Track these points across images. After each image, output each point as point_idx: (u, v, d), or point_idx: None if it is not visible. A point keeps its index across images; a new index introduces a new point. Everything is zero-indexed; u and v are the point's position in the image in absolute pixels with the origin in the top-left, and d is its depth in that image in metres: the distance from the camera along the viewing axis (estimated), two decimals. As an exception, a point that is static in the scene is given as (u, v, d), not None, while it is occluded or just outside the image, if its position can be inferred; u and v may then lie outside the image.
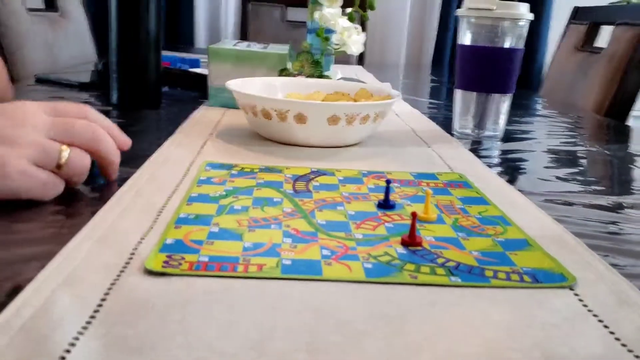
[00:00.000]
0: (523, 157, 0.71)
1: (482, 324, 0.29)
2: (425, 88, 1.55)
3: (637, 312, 0.31)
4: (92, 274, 0.32)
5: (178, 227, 0.40)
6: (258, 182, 0.51)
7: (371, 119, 0.65)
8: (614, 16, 1.37)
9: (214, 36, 2.46)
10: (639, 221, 0.48)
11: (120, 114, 0.80)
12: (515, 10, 0.72)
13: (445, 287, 0.33)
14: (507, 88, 0.75)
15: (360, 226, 0.42)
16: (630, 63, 1.21)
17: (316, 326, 0.28)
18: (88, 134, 0.46)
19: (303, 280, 0.33)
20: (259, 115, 0.65)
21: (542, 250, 0.39)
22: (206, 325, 0.28)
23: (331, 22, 0.87)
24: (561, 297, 0.33)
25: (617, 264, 0.39)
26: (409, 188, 0.53)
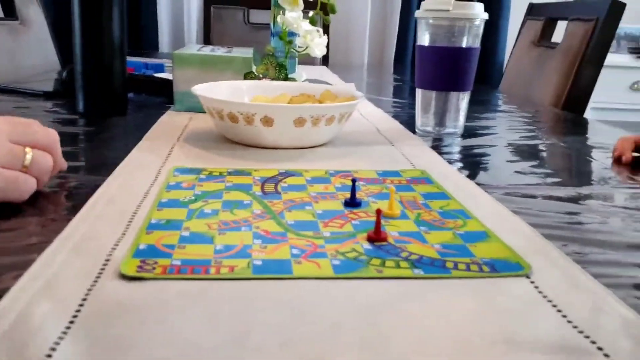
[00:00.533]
0: (484, 152, 0.74)
1: (446, 313, 0.31)
2: (388, 87, 1.57)
3: (587, 295, 0.34)
4: (69, 280, 0.33)
5: (150, 232, 0.41)
6: (227, 186, 0.53)
7: (336, 120, 0.67)
8: (567, 12, 1.42)
9: (177, 40, 2.45)
10: (596, 211, 0.51)
11: (87, 122, 0.80)
12: (471, 10, 0.74)
13: (409, 279, 0.35)
14: (465, 86, 0.78)
15: (328, 224, 0.44)
16: (584, 57, 1.26)
17: (290, 321, 0.30)
18: (47, 137, 0.48)
19: (275, 280, 0.35)
20: (225, 119, 0.66)
21: (500, 241, 0.41)
22: (184, 324, 0.29)
23: (294, 25, 0.88)
24: (518, 284, 0.35)
25: (576, 251, 0.41)
26: (374, 186, 0.54)
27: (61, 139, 0.51)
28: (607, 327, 0.30)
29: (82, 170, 0.58)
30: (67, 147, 0.65)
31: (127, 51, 0.85)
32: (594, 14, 1.25)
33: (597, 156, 0.75)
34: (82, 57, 0.80)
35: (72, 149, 0.66)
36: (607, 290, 0.34)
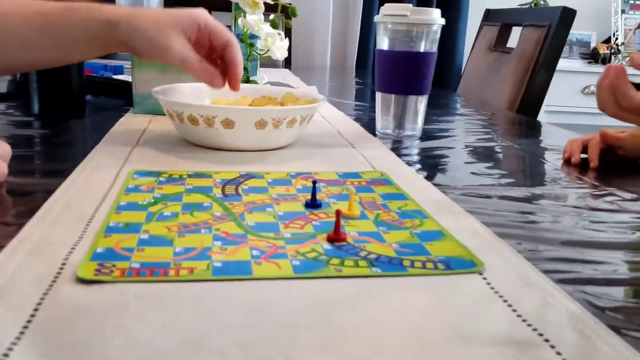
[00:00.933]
0: (442, 154, 0.75)
1: (403, 310, 0.32)
2: (350, 90, 1.59)
3: (537, 291, 0.35)
4: (23, 285, 0.33)
5: (108, 235, 0.41)
6: (187, 188, 0.52)
7: (297, 123, 0.68)
8: (521, 18, 1.46)
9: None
10: (548, 210, 0.53)
11: (42, 124, 0.79)
12: (428, 16, 0.76)
13: (367, 277, 0.36)
14: (423, 89, 0.79)
15: (288, 226, 0.44)
16: (538, 62, 1.30)
17: (249, 322, 0.30)
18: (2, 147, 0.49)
19: (235, 281, 0.35)
20: (186, 121, 0.66)
21: (455, 239, 0.42)
22: (142, 328, 0.29)
23: (255, 28, 0.88)
24: (471, 281, 0.36)
25: (529, 249, 0.42)
26: (335, 187, 0.55)
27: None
28: (555, 320, 0.31)
29: (37, 173, 0.57)
30: (21, 150, 0.63)
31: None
32: (547, 20, 1.29)
33: (549, 158, 0.77)
34: (37, 58, 0.79)
35: (27, 151, 0.65)
36: (556, 285, 0.36)
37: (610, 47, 2.69)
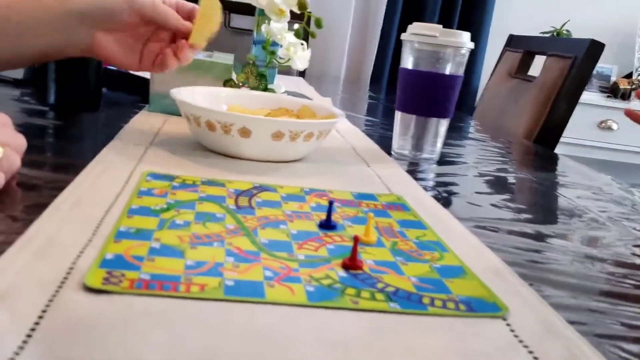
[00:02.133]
0: (456, 181, 0.74)
1: (421, 353, 0.30)
2: (362, 105, 1.58)
3: (563, 342, 0.33)
4: (28, 289, 0.31)
5: (118, 241, 0.39)
6: (200, 196, 0.51)
7: (315, 137, 0.66)
8: (546, 47, 1.45)
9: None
10: (560, 251, 0.51)
11: (56, 115, 0.77)
12: (457, 39, 0.74)
13: (384, 313, 0.34)
14: (446, 113, 0.78)
15: (302, 246, 0.43)
16: (560, 93, 1.28)
17: (259, 353, 0.28)
18: (16, 141, 0.47)
19: (246, 303, 0.33)
20: (202, 126, 0.64)
21: (477, 278, 0.41)
22: (147, 348, 0.27)
23: (278, 36, 0.87)
24: (494, 326, 0.34)
25: (544, 294, 0.41)
26: (350, 209, 0.54)
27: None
28: (583, 379, 0.30)
29: (48, 166, 0.56)
30: (33, 140, 0.62)
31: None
32: (573, 51, 1.28)
33: (566, 193, 0.75)
34: (57, 47, 0.78)
35: (39, 142, 0.63)
36: (581, 337, 0.34)
37: (631, 83, 2.67)
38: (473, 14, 2.52)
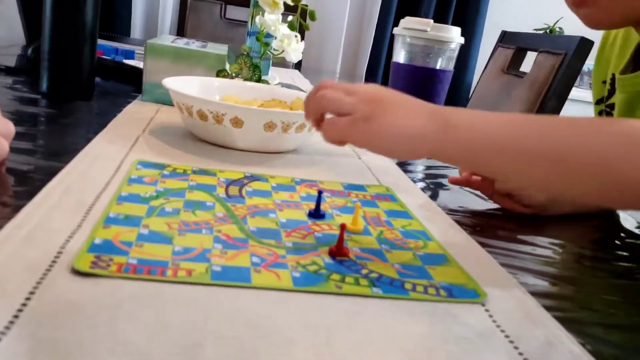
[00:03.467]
0: (445, 173, 0.75)
1: (402, 336, 0.31)
2: (358, 97, 1.58)
3: (540, 329, 0.34)
4: (16, 272, 0.32)
5: (107, 226, 0.40)
6: (190, 185, 0.52)
7: (307, 128, 0.67)
8: (538, 44, 1.45)
9: (150, 28, 2.41)
10: (541, 241, 0.52)
11: (49, 103, 0.78)
12: (448, 33, 0.75)
13: (367, 297, 0.35)
14: (437, 107, 0.78)
15: (290, 234, 0.43)
16: (550, 89, 1.29)
17: (244, 335, 0.29)
18: (5, 127, 0.48)
19: (232, 287, 0.34)
20: (194, 115, 0.65)
21: (459, 265, 0.42)
22: (135, 330, 0.28)
23: (272, 28, 0.88)
24: (473, 312, 0.35)
25: (524, 282, 0.42)
26: (339, 198, 0.54)
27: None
28: (557, 363, 0.31)
29: (39, 154, 0.56)
30: (25, 128, 0.63)
31: (98, 34, 0.83)
32: (563, 48, 1.29)
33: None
34: (51, 35, 0.78)
35: (31, 130, 0.64)
36: (559, 325, 0.35)
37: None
38: (467, 10, 2.53)
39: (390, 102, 0.44)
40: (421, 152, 0.43)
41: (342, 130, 0.43)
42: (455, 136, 0.41)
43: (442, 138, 0.42)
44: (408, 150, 0.43)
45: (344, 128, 0.43)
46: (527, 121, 0.42)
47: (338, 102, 0.44)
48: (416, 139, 0.42)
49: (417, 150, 0.43)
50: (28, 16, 1.64)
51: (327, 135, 0.44)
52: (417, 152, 0.43)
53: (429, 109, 0.44)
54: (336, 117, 0.44)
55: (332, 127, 0.44)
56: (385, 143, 0.42)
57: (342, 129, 0.43)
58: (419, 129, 0.42)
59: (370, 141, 0.43)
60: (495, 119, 0.43)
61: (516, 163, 0.41)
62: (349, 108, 0.43)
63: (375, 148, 0.43)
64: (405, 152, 0.43)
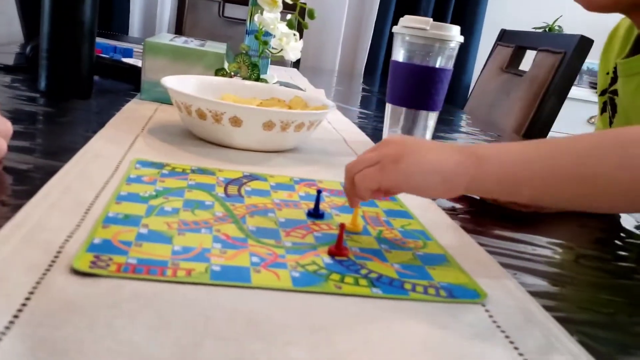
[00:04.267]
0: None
1: (401, 336, 0.31)
2: (356, 97, 1.58)
3: (540, 329, 0.34)
4: (16, 272, 0.32)
5: (106, 226, 0.40)
6: (189, 184, 0.52)
7: (305, 127, 0.67)
8: (537, 42, 1.45)
9: (148, 26, 2.40)
10: (542, 241, 0.52)
11: (47, 101, 0.77)
12: (447, 32, 0.75)
13: (367, 298, 0.35)
14: (435, 106, 0.78)
15: (289, 234, 0.43)
16: (549, 88, 1.29)
17: (244, 335, 0.29)
18: (3, 125, 0.48)
19: (232, 287, 0.34)
20: (193, 114, 0.65)
21: (459, 266, 0.41)
22: (134, 330, 0.28)
23: (270, 26, 0.87)
24: (473, 312, 0.35)
25: (524, 282, 0.42)
26: (338, 198, 0.54)
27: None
28: (557, 363, 0.31)
29: (38, 152, 0.56)
30: (23, 126, 0.62)
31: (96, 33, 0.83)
32: (563, 47, 1.29)
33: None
34: (49, 34, 0.78)
35: (29, 128, 0.64)
36: (559, 325, 0.35)
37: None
38: (467, 9, 2.53)
39: (414, 143, 0.45)
40: (459, 187, 0.43)
41: (373, 177, 0.43)
42: (489, 169, 0.43)
43: (477, 172, 0.42)
44: (444, 189, 0.43)
45: (374, 174, 0.43)
46: (556, 145, 0.43)
47: (365, 161, 0.44)
48: (450, 177, 0.43)
49: (453, 188, 0.43)
50: (26, 14, 1.64)
51: (360, 186, 0.44)
52: (452, 190, 0.43)
53: (456, 147, 0.45)
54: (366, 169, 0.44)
55: (362, 178, 0.43)
56: (419, 181, 0.43)
57: (372, 176, 0.43)
58: (452, 166, 0.43)
59: (403, 182, 0.43)
60: (522, 147, 0.44)
61: (547, 188, 0.42)
62: (376, 159, 0.44)
63: (408, 187, 0.43)
64: (440, 191, 0.44)
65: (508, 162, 0.43)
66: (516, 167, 0.42)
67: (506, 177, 0.42)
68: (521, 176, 0.42)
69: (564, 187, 0.41)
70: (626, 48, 0.75)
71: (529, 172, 0.42)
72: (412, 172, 0.43)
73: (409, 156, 0.43)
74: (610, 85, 0.84)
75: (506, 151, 0.43)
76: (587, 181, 0.41)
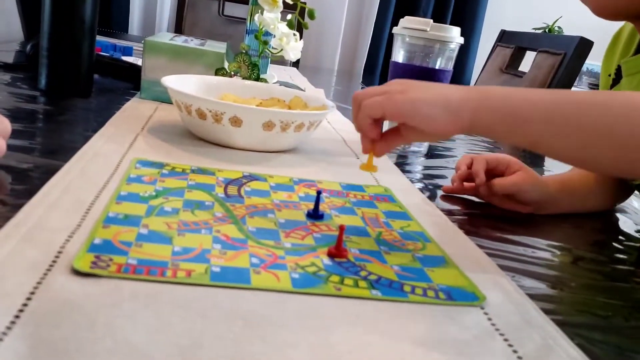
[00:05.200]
0: (443, 174, 0.75)
1: (400, 338, 0.31)
2: (357, 96, 1.58)
3: (538, 332, 0.34)
4: (16, 272, 0.32)
5: (107, 226, 0.40)
6: (189, 184, 0.52)
7: (305, 128, 0.67)
8: (537, 43, 1.45)
9: (148, 24, 2.40)
10: (541, 244, 0.52)
11: (47, 100, 0.77)
12: (447, 33, 0.75)
13: (366, 299, 0.35)
14: (435, 107, 0.78)
15: (289, 235, 0.44)
16: (549, 89, 1.29)
17: (243, 336, 0.29)
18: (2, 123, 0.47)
19: (232, 289, 0.34)
20: (193, 114, 0.65)
21: (458, 268, 0.42)
22: (134, 330, 0.28)
23: (271, 26, 0.87)
24: (472, 314, 0.35)
25: (522, 284, 0.42)
26: (338, 199, 0.54)
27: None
28: (555, 366, 0.31)
29: (37, 152, 0.56)
30: (23, 125, 0.62)
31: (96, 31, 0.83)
32: (563, 48, 1.29)
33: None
34: (49, 32, 0.78)
35: (29, 127, 0.64)
36: (557, 327, 0.35)
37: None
38: (466, 9, 2.53)
39: (421, 82, 0.46)
40: (464, 120, 0.43)
41: (380, 104, 0.44)
42: (492, 105, 0.43)
43: (481, 106, 0.43)
44: (449, 120, 0.43)
45: (381, 101, 0.44)
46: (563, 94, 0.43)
47: (371, 92, 0.45)
48: (455, 109, 0.43)
49: (458, 120, 0.43)
50: (27, 12, 1.64)
51: (364, 112, 0.45)
52: (457, 122, 0.43)
53: (461, 86, 0.45)
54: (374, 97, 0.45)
55: (368, 104, 0.44)
56: (425, 111, 0.43)
57: (378, 103, 0.44)
58: (457, 98, 0.43)
59: (408, 110, 0.43)
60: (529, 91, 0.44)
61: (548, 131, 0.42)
62: (384, 89, 0.45)
63: (412, 118, 0.43)
64: (446, 122, 0.43)
65: (513, 100, 0.43)
66: (521, 106, 0.42)
67: (510, 114, 0.42)
68: (524, 116, 0.42)
69: (564, 132, 0.41)
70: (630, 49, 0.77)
71: (532, 112, 0.42)
72: (418, 99, 0.43)
73: (416, 87, 0.44)
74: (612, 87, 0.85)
75: (513, 91, 0.44)
76: (587, 130, 0.40)
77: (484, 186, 0.60)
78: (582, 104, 0.41)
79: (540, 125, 0.42)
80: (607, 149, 0.41)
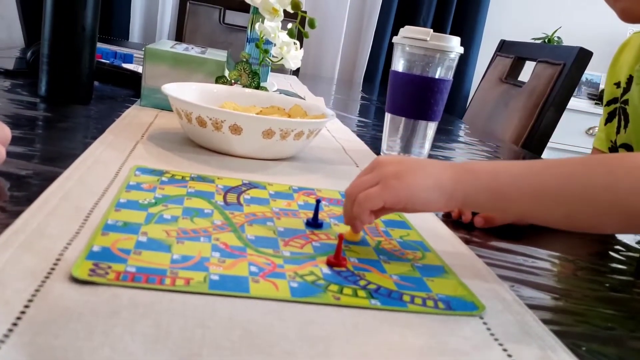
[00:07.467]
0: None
1: (399, 349, 0.31)
2: (355, 105, 1.58)
3: (537, 342, 0.34)
4: (15, 279, 0.32)
5: (105, 234, 0.40)
6: (189, 191, 0.52)
7: (305, 136, 0.67)
8: (536, 53, 1.46)
9: (149, 32, 2.41)
10: (540, 254, 0.52)
11: (47, 107, 0.77)
12: (447, 43, 0.75)
13: (366, 309, 0.35)
14: (434, 116, 0.79)
15: (288, 243, 0.43)
16: (548, 99, 1.29)
17: (241, 346, 0.29)
18: (2, 130, 0.48)
19: (230, 297, 0.34)
20: (193, 122, 0.65)
21: (457, 278, 0.42)
22: (133, 339, 0.28)
23: (271, 35, 0.88)
24: (471, 324, 0.35)
25: (522, 294, 0.42)
26: (337, 207, 0.54)
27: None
28: (555, 377, 0.31)
29: (37, 158, 0.56)
30: (22, 132, 0.62)
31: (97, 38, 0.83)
32: (562, 58, 1.29)
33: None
34: (50, 39, 0.78)
35: (28, 134, 0.64)
36: (556, 338, 0.35)
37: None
38: (466, 19, 2.54)
39: (411, 161, 0.46)
40: (455, 201, 0.44)
41: (377, 196, 0.43)
42: (482, 185, 0.43)
43: (470, 188, 0.43)
44: (444, 202, 0.44)
45: (378, 193, 0.43)
46: (545, 164, 0.44)
47: (365, 183, 0.45)
48: (450, 191, 0.43)
49: (451, 200, 0.44)
50: (28, 18, 1.64)
51: (364, 206, 0.44)
52: (451, 202, 0.44)
53: (449, 164, 0.46)
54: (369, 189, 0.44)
55: (366, 198, 0.44)
56: (423, 196, 0.44)
57: (376, 195, 0.43)
58: (449, 180, 0.44)
59: (407, 198, 0.43)
60: (513, 164, 0.45)
61: (535, 205, 0.43)
62: (375, 179, 0.44)
63: (412, 204, 0.44)
64: (442, 204, 0.44)
65: (501, 181, 0.43)
66: (509, 186, 0.43)
67: (498, 193, 0.43)
68: (510, 192, 0.43)
69: (550, 204, 0.42)
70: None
71: (517, 188, 0.43)
72: (414, 185, 0.43)
73: (410, 174, 0.44)
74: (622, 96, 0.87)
75: (500, 169, 0.44)
76: (572, 200, 0.41)
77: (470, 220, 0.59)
78: (564, 177, 0.42)
79: (526, 204, 0.43)
80: (591, 217, 0.42)
